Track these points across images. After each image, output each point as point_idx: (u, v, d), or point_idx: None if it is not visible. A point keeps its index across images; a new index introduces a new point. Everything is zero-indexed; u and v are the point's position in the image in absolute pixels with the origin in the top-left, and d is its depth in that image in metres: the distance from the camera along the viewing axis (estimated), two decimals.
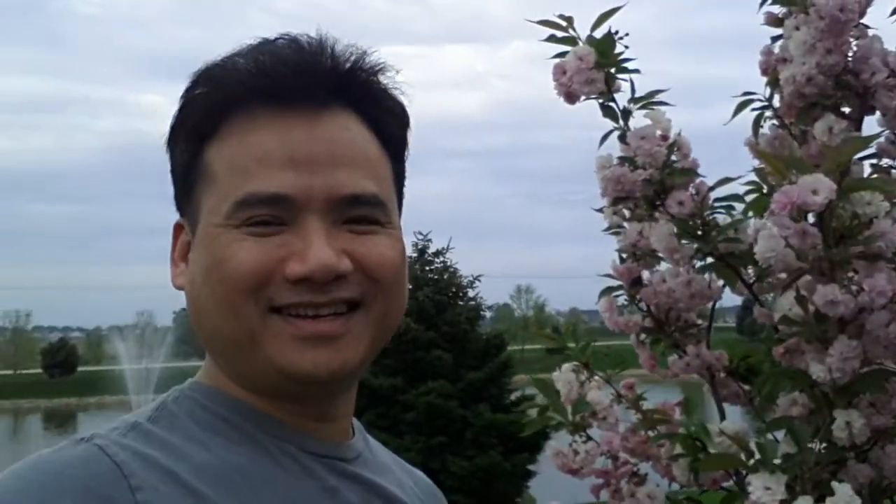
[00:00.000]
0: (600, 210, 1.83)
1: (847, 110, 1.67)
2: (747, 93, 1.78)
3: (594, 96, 1.69)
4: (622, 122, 1.69)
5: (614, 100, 1.70)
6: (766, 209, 1.54)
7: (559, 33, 1.71)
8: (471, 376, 16.69)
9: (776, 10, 1.78)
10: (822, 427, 1.36)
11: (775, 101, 1.76)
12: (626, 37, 1.68)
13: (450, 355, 16.69)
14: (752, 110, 1.79)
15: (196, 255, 0.89)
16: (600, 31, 1.69)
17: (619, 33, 1.69)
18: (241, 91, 0.86)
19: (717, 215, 1.65)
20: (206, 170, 0.88)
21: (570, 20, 1.71)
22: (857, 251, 1.33)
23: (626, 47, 1.69)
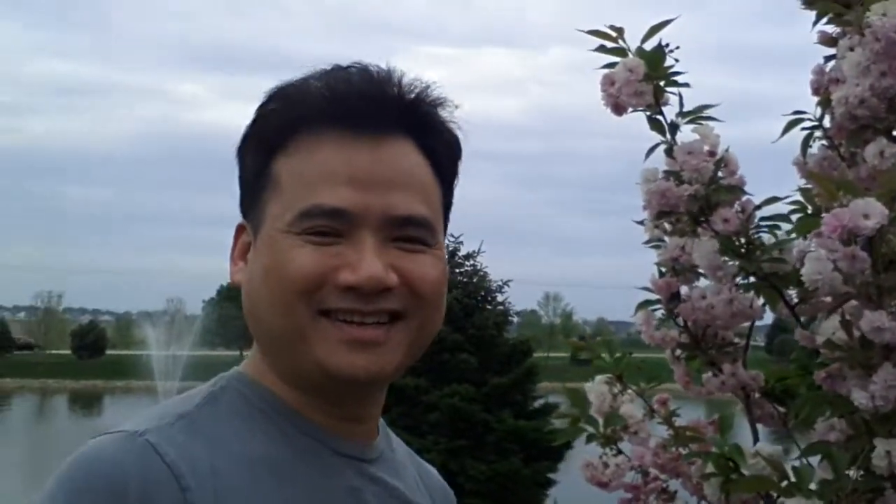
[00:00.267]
0: (641, 222, 1.82)
1: None
2: (797, 112, 1.76)
3: (642, 108, 1.68)
4: (669, 135, 1.68)
5: (662, 113, 1.69)
6: (810, 230, 1.53)
7: (609, 44, 1.70)
8: (495, 381, 16.67)
9: (830, 29, 1.76)
10: (861, 455, 1.34)
11: (825, 122, 1.74)
12: (677, 49, 1.67)
13: (475, 359, 16.68)
14: (802, 129, 1.77)
15: (257, 256, 0.96)
16: (650, 43, 1.68)
17: (669, 46, 1.68)
18: (314, 112, 0.94)
19: (761, 234, 1.63)
20: (274, 180, 0.95)
21: (620, 31, 1.70)
22: None
23: (677, 60, 1.67)
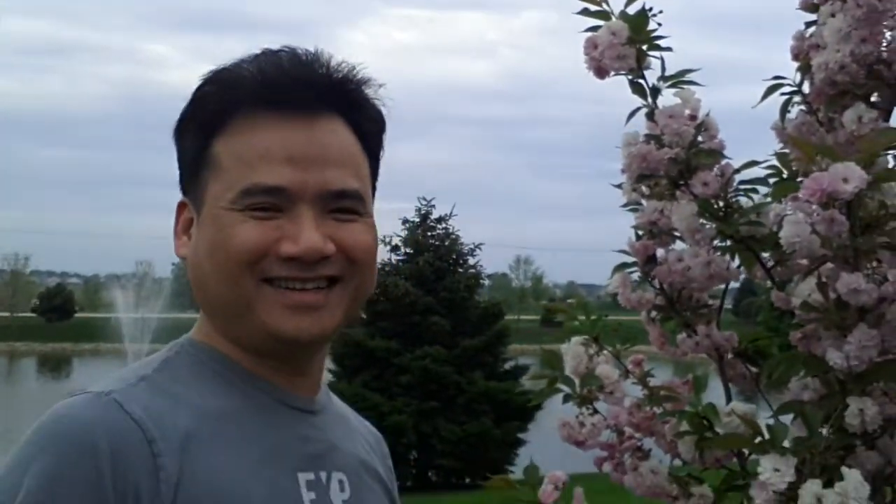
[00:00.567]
0: (619, 186, 1.83)
1: (877, 100, 1.66)
2: (777, 77, 1.78)
3: (624, 72, 1.69)
4: (651, 99, 1.69)
5: (644, 77, 1.69)
6: (787, 194, 1.55)
7: (592, 7, 1.70)
8: (466, 343, 16.78)
9: None
10: (835, 413, 1.37)
11: (805, 87, 1.76)
12: (661, 14, 1.67)
13: (447, 321, 16.76)
14: (781, 94, 1.78)
15: (201, 231, 1.03)
16: (634, 7, 1.68)
17: (652, 10, 1.68)
18: (248, 95, 1.01)
19: (738, 198, 1.65)
20: (214, 160, 1.02)
21: None
22: (883, 241, 1.34)
23: (660, 24, 1.68)
